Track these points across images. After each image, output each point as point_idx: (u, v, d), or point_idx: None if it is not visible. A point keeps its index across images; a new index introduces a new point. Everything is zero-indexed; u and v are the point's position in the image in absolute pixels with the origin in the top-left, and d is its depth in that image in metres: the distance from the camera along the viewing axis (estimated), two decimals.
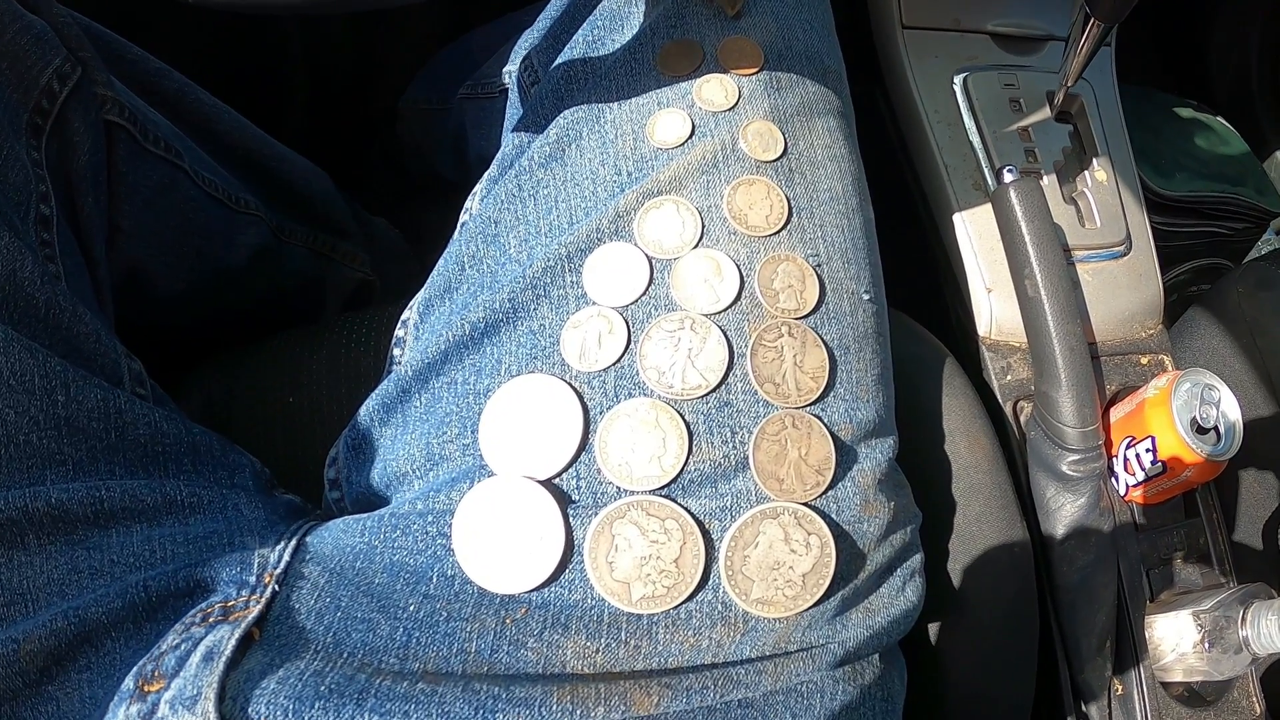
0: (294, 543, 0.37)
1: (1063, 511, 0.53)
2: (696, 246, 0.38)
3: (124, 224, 0.51)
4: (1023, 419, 0.58)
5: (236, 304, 0.65)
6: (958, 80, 0.64)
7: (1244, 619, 0.48)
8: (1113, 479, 0.55)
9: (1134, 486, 0.55)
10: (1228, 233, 0.91)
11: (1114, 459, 0.55)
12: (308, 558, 0.36)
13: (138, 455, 0.38)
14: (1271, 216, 0.92)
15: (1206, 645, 0.50)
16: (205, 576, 0.35)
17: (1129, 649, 0.53)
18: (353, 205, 0.77)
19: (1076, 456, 0.52)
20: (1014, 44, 0.67)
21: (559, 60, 0.47)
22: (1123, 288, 0.62)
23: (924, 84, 0.63)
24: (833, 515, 0.36)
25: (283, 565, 0.36)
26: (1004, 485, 0.51)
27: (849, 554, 0.36)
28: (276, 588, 0.35)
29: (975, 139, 0.62)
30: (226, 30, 0.83)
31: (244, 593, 0.35)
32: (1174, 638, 0.52)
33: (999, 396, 0.58)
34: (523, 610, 0.33)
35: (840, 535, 0.36)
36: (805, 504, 0.35)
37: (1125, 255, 0.63)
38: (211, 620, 0.33)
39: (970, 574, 0.49)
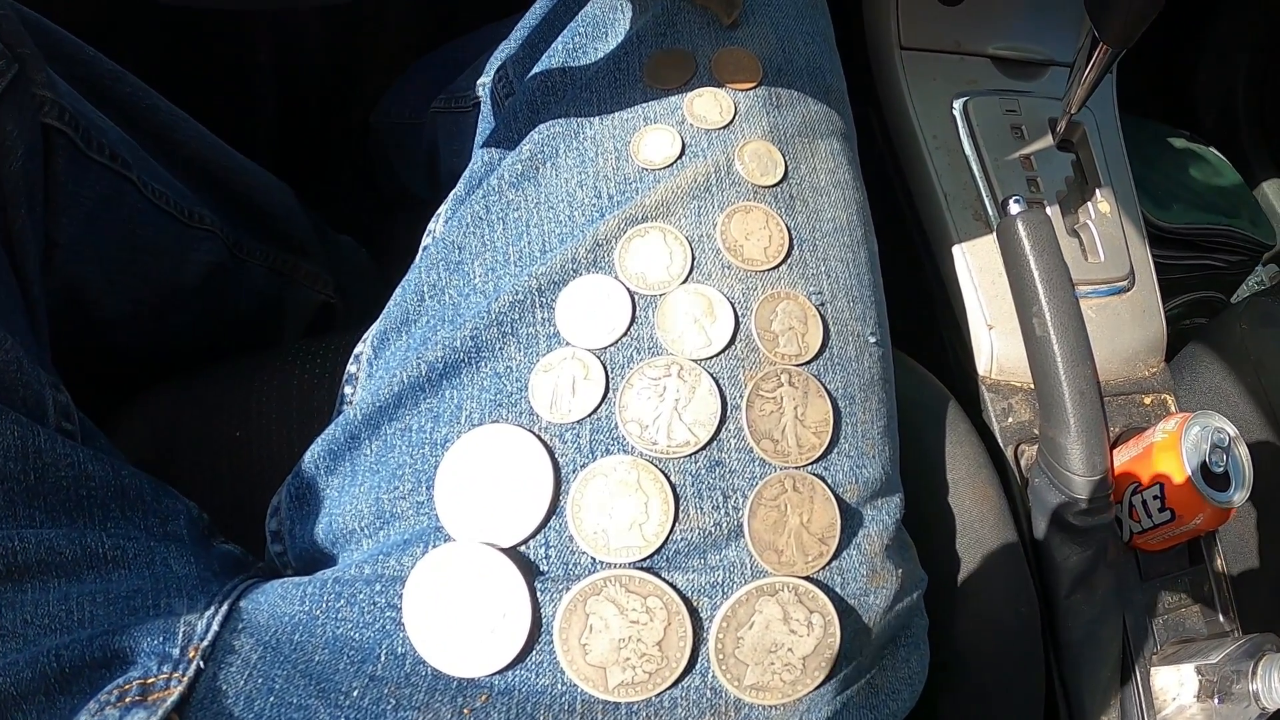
0: (225, 608, 0.34)
1: (1068, 563, 0.51)
2: (686, 281, 0.35)
3: (62, 238, 0.47)
4: (1023, 463, 0.55)
5: (187, 326, 0.61)
6: (957, 105, 0.61)
7: (1254, 672, 0.47)
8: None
9: (1139, 534, 0.53)
10: (1222, 265, 0.90)
11: (1118, 504, 0.52)
12: (240, 627, 0.33)
13: (59, 500, 0.35)
14: (1265, 249, 0.91)
15: (1217, 700, 0.49)
16: (124, 646, 0.32)
17: (1135, 704, 0.51)
18: (317, 222, 0.73)
19: (1085, 506, 0.50)
20: (1015, 68, 0.65)
21: (535, 69, 0.44)
22: (1126, 324, 0.60)
23: (922, 108, 0.61)
24: (837, 589, 0.32)
25: (210, 637, 0.32)
26: (1010, 540, 0.47)
27: (853, 630, 0.32)
28: (202, 664, 0.31)
29: (975, 166, 0.60)
30: (192, 34, 0.79)
31: (165, 668, 0.31)
32: (1174, 689, 0.51)
33: (1000, 440, 0.55)
34: (483, 697, 0.30)
35: (845, 611, 0.32)
36: (806, 578, 0.31)
37: (1128, 290, 0.61)
38: (128, 701, 0.30)
39: (975, 636, 0.46)
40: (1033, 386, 0.54)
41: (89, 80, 0.51)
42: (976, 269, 0.57)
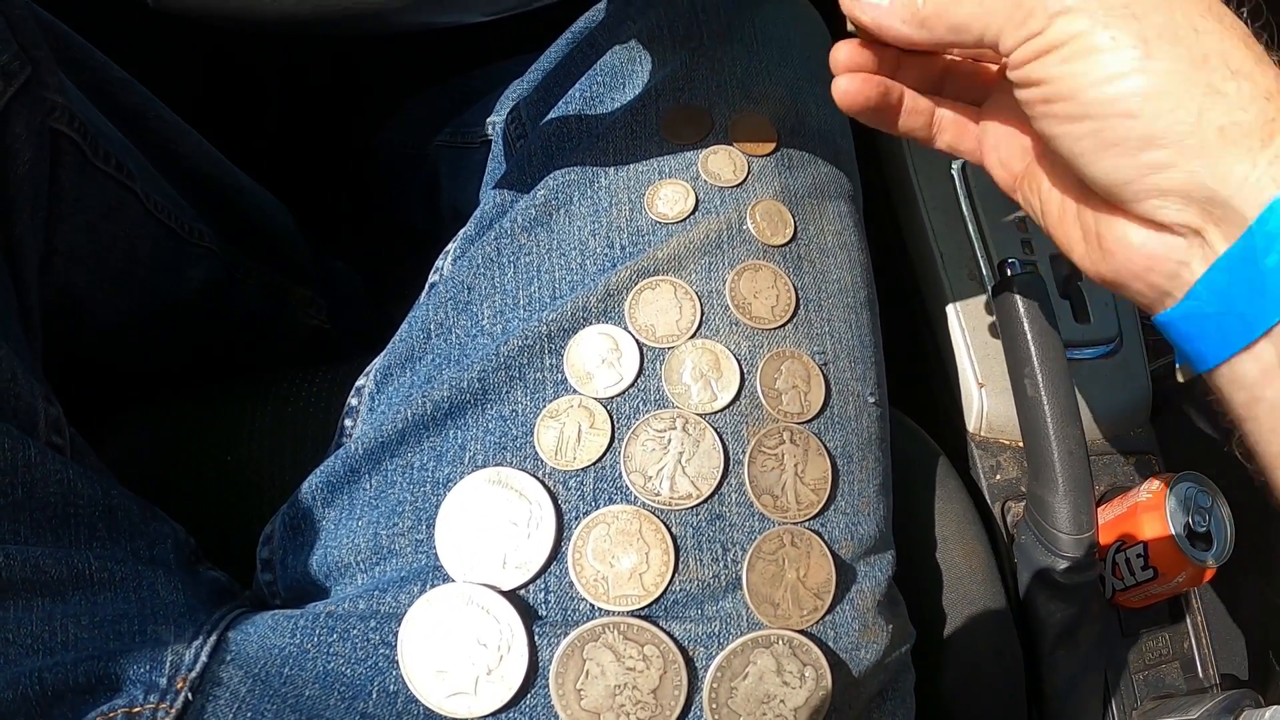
0: (214, 638, 0.33)
1: (1053, 619, 0.51)
2: (694, 336, 0.35)
3: (62, 245, 0.47)
4: (1009, 519, 0.55)
5: (179, 342, 0.61)
6: (955, 166, 0.62)
7: None
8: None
9: (1122, 591, 0.53)
10: None
11: (1102, 562, 0.53)
12: (228, 659, 0.32)
13: (46, 516, 0.34)
14: None
15: None
16: (110, 671, 0.31)
17: None
18: (314, 247, 0.73)
19: (1070, 564, 0.50)
20: None
21: (551, 115, 0.44)
22: (1113, 386, 0.61)
23: (922, 167, 0.62)
24: (829, 643, 0.32)
25: (199, 668, 0.32)
26: (997, 595, 0.48)
27: (844, 683, 0.32)
28: (190, 696, 0.31)
29: (972, 228, 0.61)
30: (203, 50, 0.79)
31: (152, 698, 0.31)
32: None
33: (987, 497, 0.55)
34: None
35: (836, 665, 0.32)
36: (801, 631, 0.31)
37: (1117, 352, 0.62)
38: None
39: (960, 690, 0.46)
40: (1021, 445, 0.54)
41: (98, 86, 0.51)
42: (969, 328, 0.58)
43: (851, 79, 0.33)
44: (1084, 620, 0.51)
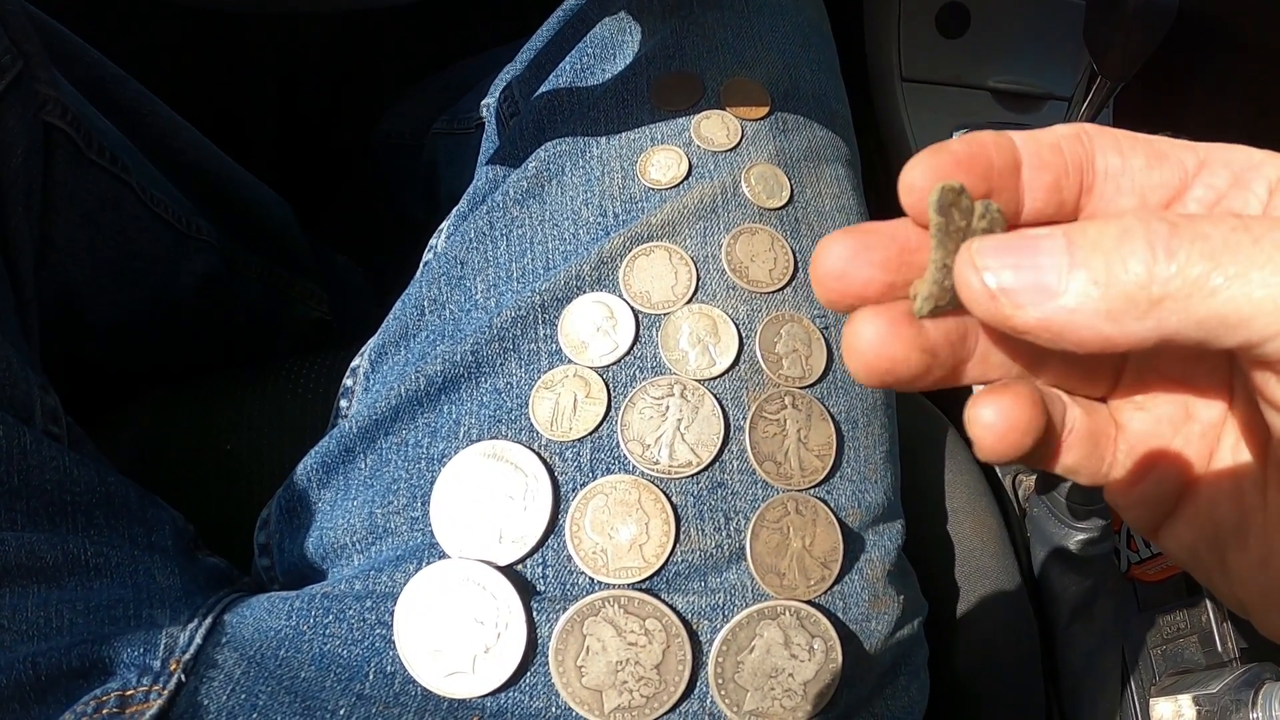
0: (209, 621, 0.33)
1: (1068, 593, 0.50)
2: (690, 301, 0.34)
3: (58, 239, 0.47)
4: (1022, 493, 0.54)
5: (178, 337, 0.60)
6: (957, 134, 0.61)
7: (1254, 701, 0.46)
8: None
9: (1138, 564, 0.52)
10: None
11: (1116, 535, 0.52)
12: (223, 641, 0.32)
13: (42, 503, 0.34)
14: None
15: None
16: (104, 655, 0.31)
17: None
18: (313, 240, 0.72)
19: (1085, 536, 0.49)
20: (1014, 101, 0.66)
21: (542, 89, 0.44)
22: None
23: (922, 139, 0.61)
24: (838, 614, 0.31)
25: (193, 650, 0.32)
26: (1011, 569, 0.47)
27: (855, 656, 0.32)
28: (183, 677, 0.31)
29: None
30: (199, 45, 0.79)
31: (145, 680, 0.31)
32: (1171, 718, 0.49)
33: (998, 469, 0.54)
34: (475, 719, 0.29)
35: (846, 637, 0.31)
36: (808, 602, 0.31)
37: None
38: (106, 713, 0.29)
39: (974, 665, 0.45)
40: None
41: (92, 82, 0.51)
42: None
43: (999, 411, 0.18)
44: (1100, 594, 0.50)
